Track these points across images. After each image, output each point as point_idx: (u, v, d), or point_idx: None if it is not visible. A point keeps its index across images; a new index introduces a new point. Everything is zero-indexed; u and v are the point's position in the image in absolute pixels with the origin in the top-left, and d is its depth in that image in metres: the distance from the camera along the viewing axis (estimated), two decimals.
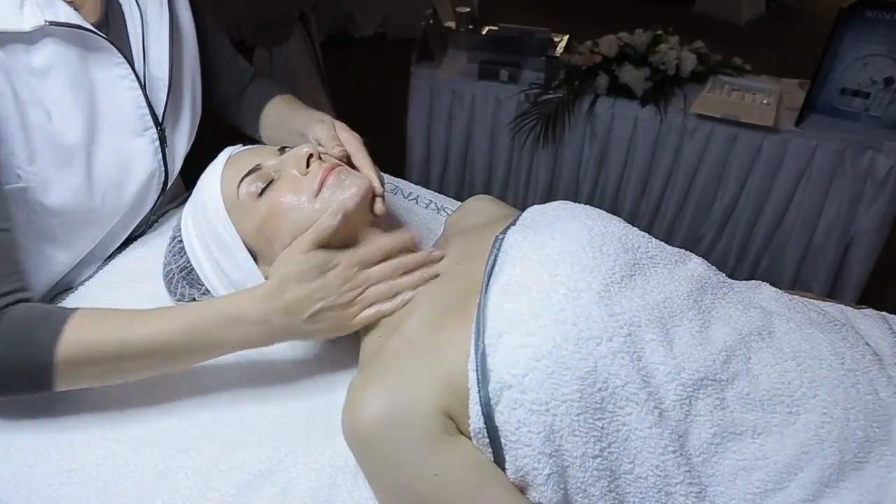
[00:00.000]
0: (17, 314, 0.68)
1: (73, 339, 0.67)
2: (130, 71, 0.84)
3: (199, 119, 1.02)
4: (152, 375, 0.73)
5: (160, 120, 0.90)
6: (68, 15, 0.77)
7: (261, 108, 1.06)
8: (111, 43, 0.81)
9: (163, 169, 0.93)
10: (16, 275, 0.71)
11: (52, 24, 0.74)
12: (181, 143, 0.97)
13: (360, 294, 0.74)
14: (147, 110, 0.87)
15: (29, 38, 0.74)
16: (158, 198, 0.97)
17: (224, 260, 0.77)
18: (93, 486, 0.69)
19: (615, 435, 0.61)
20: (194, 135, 1.02)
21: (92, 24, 0.81)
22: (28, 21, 0.72)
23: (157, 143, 0.90)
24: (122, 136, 0.86)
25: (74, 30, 0.77)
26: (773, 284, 0.80)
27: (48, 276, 0.88)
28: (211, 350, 0.72)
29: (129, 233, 0.97)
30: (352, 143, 0.84)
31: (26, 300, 0.70)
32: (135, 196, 0.90)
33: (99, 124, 0.83)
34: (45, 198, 0.79)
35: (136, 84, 0.85)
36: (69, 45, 0.78)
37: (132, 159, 0.88)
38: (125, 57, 0.84)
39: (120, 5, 0.87)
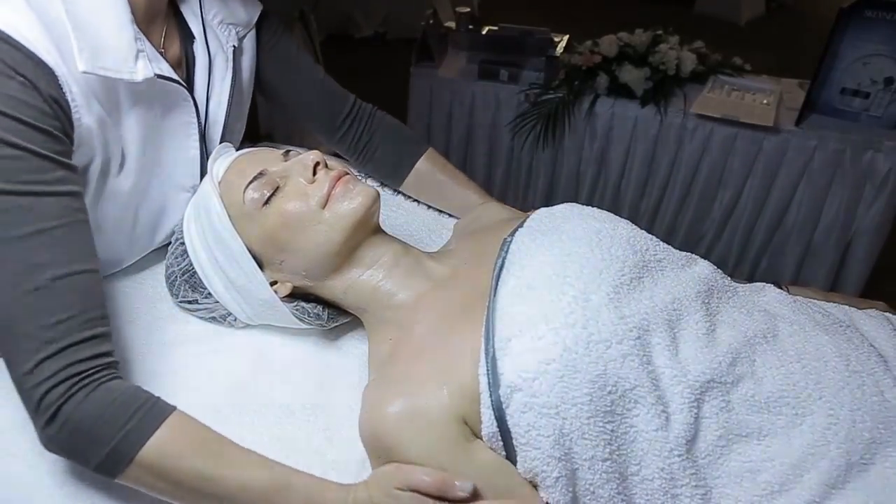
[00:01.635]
0: (116, 388, 0.64)
1: (160, 448, 0.62)
2: (197, 129, 0.84)
3: None
4: None
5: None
6: (170, 71, 0.77)
7: (406, 165, 1.04)
8: (193, 101, 0.82)
9: None
10: (104, 320, 0.66)
11: (160, 77, 0.75)
12: None
13: None
14: (199, 168, 0.86)
15: (126, 88, 0.74)
16: None
17: (228, 265, 0.77)
18: (94, 487, 0.69)
19: (623, 437, 0.61)
20: None
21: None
22: (141, 72, 0.72)
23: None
24: (171, 188, 0.85)
25: (167, 84, 0.77)
26: (773, 284, 0.80)
27: None
28: None
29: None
30: None
31: (116, 369, 0.66)
32: (162, 241, 0.89)
33: (156, 174, 0.82)
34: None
35: (198, 143, 0.85)
36: (154, 98, 0.77)
37: (170, 211, 0.87)
38: (196, 113, 0.84)
39: (195, 62, 0.86)
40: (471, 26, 2.44)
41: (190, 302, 0.83)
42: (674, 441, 0.61)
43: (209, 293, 0.81)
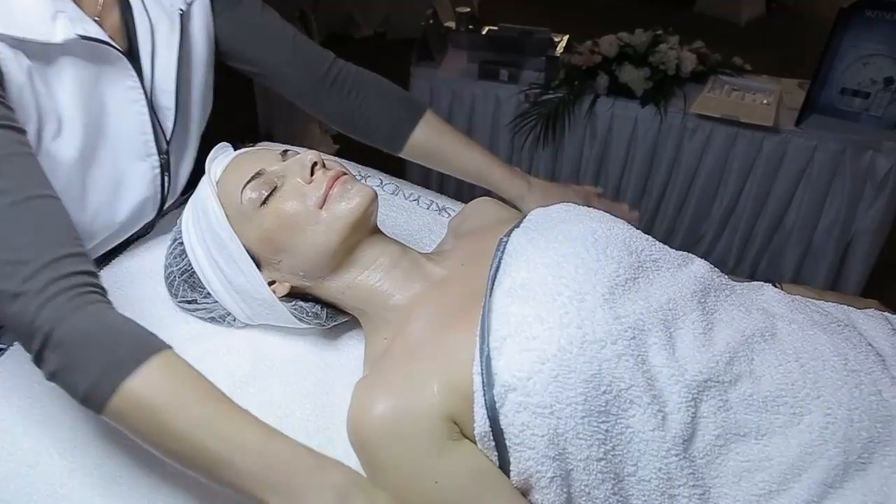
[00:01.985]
0: (106, 313, 0.62)
1: (148, 382, 0.59)
2: (142, 95, 0.83)
3: (200, 138, 1.00)
4: (184, 468, 0.62)
5: (167, 147, 0.89)
6: (97, 31, 0.76)
7: (404, 130, 0.98)
8: (131, 64, 0.80)
9: (159, 195, 0.91)
10: (81, 246, 0.64)
11: (83, 38, 0.74)
12: (185, 170, 0.95)
13: None
14: (152, 136, 0.86)
15: (53, 52, 0.73)
16: (155, 220, 0.95)
17: (226, 265, 0.77)
18: (94, 486, 0.69)
19: (619, 438, 0.61)
20: (196, 154, 0.99)
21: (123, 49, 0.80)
22: (60, 33, 0.71)
23: (158, 169, 0.88)
24: (123, 158, 0.84)
25: (97, 46, 0.76)
26: (772, 284, 0.80)
27: None
28: (248, 476, 0.60)
29: (113, 245, 0.95)
30: None
31: (104, 293, 0.64)
32: (126, 217, 0.88)
33: (102, 144, 0.81)
34: None
35: (147, 109, 0.84)
36: (88, 62, 0.77)
37: (128, 182, 0.86)
38: (140, 80, 0.83)
39: (135, 25, 0.85)
40: (471, 26, 2.44)
41: (189, 302, 0.83)
42: (671, 441, 0.61)
43: (208, 293, 0.81)
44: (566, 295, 0.64)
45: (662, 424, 0.61)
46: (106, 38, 0.77)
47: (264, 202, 0.75)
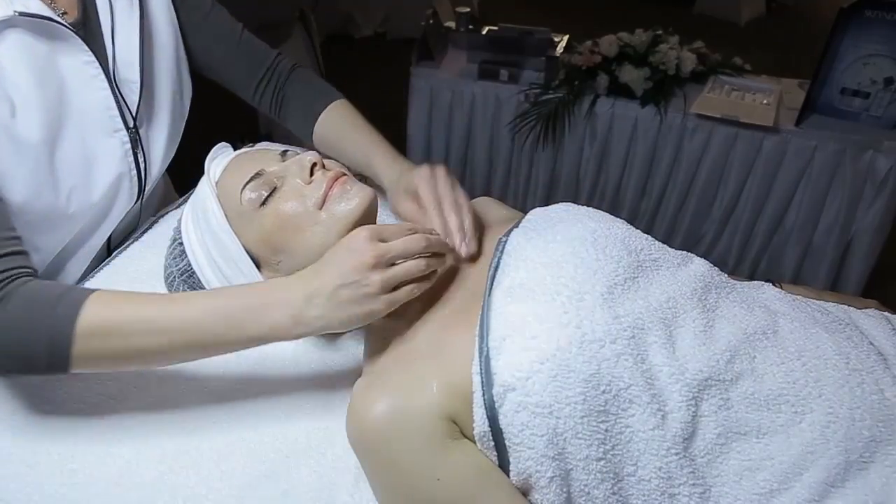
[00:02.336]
0: (32, 287, 0.64)
1: (94, 312, 0.63)
2: (100, 70, 0.83)
3: (183, 123, 1.00)
4: (169, 361, 0.69)
5: (133, 122, 0.89)
6: (40, 8, 0.76)
7: (313, 115, 1.00)
8: (82, 39, 0.80)
9: (135, 172, 0.91)
10: (15, 240, 0.67)
11: (22, 14, 0.74)
12: (158, 147, 0.95)
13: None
14: (117, 111, 0.86)
15: (4, 27, 0.73)
16: (136, 202, 0.95)
17: (225, 265, 0.77)
18: (94, 486, 0.69)
19: (619, 437, 0.61)
20: (179, 138, 1.00)
21: (72, 21, 0.80)
22: None
23: (128, 145, 0.89)
24: (91, 135, 0.85)
25: (44, 23, 0.76)
26: (772, 284, 0.80)
27: None
28: (237, 329, 0.65)
29: (102, 240, 0.95)
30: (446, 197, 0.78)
31: (34, 274, 0.66)
32: (102, 198, 0.88)
33: (65, 122, 0.81)
34: (5, 192, 0.78)
35: (107, 84, 0.84)
36: (38, 38, 0.77)
37: (99, 160, 0.86)
38: (96, 56, 0.83)
39: (95, 4, 0.86)
40: (471, 26, 2.44)
41: None
42: (671, 440, 0.61)
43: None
44: (565, 294, 0.64)
45: (662, 423, 0.61)
46: (49, 14, 0.77)
47: (264, 203, 0.74)
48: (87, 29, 0.84)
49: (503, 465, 0.64)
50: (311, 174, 0.75)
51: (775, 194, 2.07)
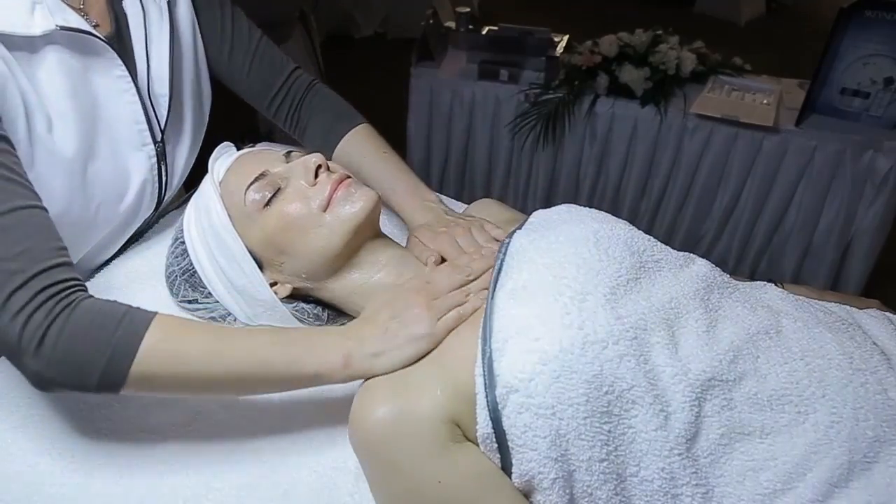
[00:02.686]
0: (96, 302, 0.63)
1: (159, 335, 0.62)
2: (132, 84, 0.83)
3: (203, 132, 1.00)
4: (219, 391, 0.70)
5: (161, 136, 0.89)
6: (79, 22, 0.76)
7: (335, 137, 0.98)
8: (117, 53, 0.80)
9: (156, 184, 0.91)
10: (65, 251, 0.65)
11: (64, 28, 0.73)
12: (181, 158, 0.95)
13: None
14: (146, 126, 0.86)
15: (36, 44, 0.73)
16: (153, 213, 0.95)
17: (227, 265, 0.77)
18: (94, 486, 0.69)
19: (621, 438, 0.61)
20: (198, 149, 0.99)
21: (105, 35, 0.80)
22: (39, 25, 0.71)
23: (154, 159, 0.89)
24: (121, 149, 0.84)
25: (81, 37, 0.76)
26: (774, 284, 0.79)
27: None
28: (293, 363, 0.66)
29: (117, 248, 0.95)
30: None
31: (87, 291, 0.65)
32: (127, 209, 0.88)
33: (98, 136, 0.81)
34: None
35: (137, 98, 0.84)
36: (74, 53, 0.76)
37: (129, 173, 0.86)
38: (129, 70, 0.83)
39: (126, 18, 0.85)
40: (471, 26, 2.44)
41: (190, 301, 0.83)
42: (674, 440, 0.61)
43: (209, 293, 0.81)
44: (567, 295, 0.64)
45: (665, 424, 0.61)
46: (88, 28, 0.76)
47: (267, 204, 0.74)
48: (120, 42, 0.84)
49: (506, 466, 0.63)
50: (316, 176, 0.75)
51: (775, 194, 2.07)
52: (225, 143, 0.87)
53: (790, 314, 0.71)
